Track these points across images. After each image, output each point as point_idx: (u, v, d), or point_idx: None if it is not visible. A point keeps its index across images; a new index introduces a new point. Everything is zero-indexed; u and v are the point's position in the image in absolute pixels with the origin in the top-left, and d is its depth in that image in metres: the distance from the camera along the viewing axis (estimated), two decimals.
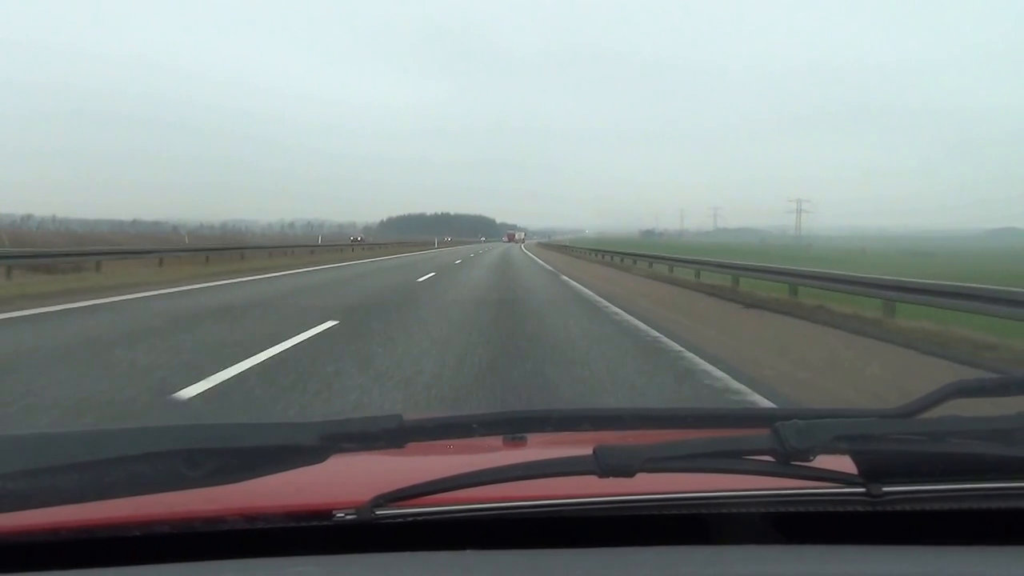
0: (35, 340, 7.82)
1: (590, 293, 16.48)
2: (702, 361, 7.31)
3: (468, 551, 0.95)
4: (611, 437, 1.24)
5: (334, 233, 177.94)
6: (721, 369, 6.84)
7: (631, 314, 11.63)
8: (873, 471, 0.99)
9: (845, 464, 1.00)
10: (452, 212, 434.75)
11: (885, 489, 0.99)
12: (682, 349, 8.09)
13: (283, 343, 7.62)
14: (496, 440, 1.33)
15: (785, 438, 0.95)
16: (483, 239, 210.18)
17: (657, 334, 9.29)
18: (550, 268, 30.45)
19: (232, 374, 6.01)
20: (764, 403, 5.48)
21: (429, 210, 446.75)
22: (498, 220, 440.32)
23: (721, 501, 1.05)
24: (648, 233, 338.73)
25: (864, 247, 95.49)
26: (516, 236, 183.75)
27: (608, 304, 13.50)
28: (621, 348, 8.25)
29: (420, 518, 0.98)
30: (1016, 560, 0.96)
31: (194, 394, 5.27)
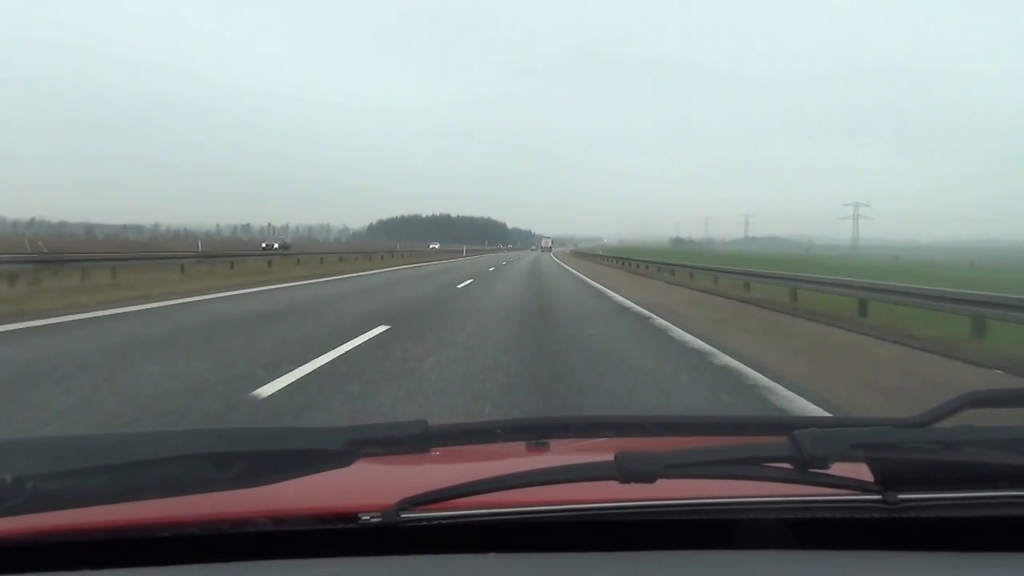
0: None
1: None
2: None
3: (491, 554, 0.97)
4: (632, 443, 1.25)
5: (300, 238, 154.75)
6: None
7: None
8: (889, 479, 1.00)
9: (862, 472, 1.01)
10: (454, 214, 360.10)
11: (901, 496, 1.00)
12: None
13: None
14: (519, 445, 1.34)
15: (803, 446, 0.96)
16: (436, 246, 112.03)
17: None
18: None
19: None
20: None
21: (426, 211, 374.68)
22: (510, 225, 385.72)
23: (740, 507, 1.06)
24: (678, 241, 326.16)
25: (972, 261, 74.52)
26: (543, 244, 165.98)
27: None
28: None
29: (444, 521, 1.00)
30: None
31: None
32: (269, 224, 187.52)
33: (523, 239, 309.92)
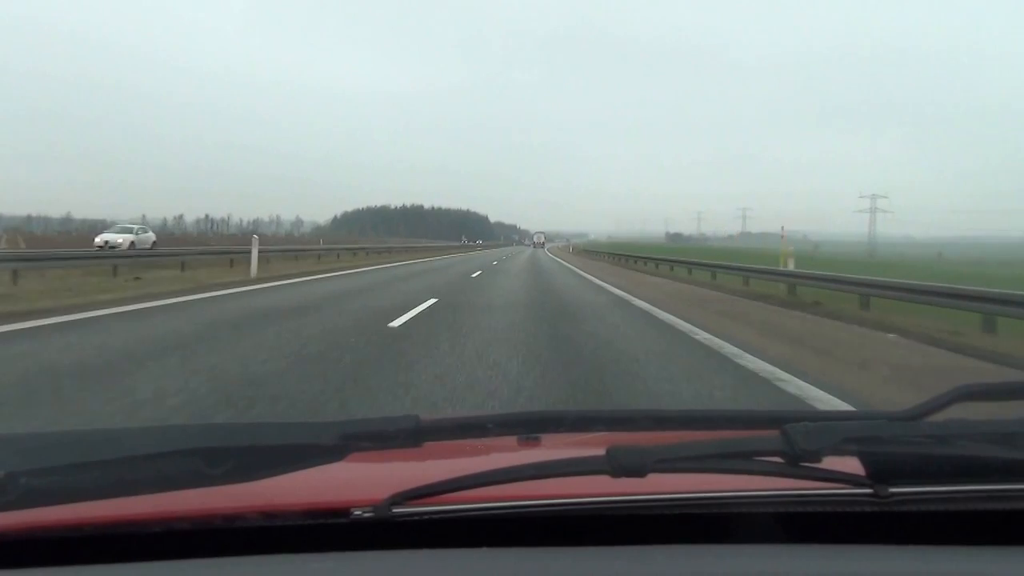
0: None
1: None
2: None
3: (483, 549, 0.97)
4: (624, 438, 1.25)
5: (242, 232, 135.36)
6: None
7: None
8: (880, 472, 1.01)
9: (853, 465, 1.02)
10: (427, 205, 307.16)
11: (892, 490, 1.00)
12: None
13: None
14: (511, 440, 1.34)
15: (794, 439, 0.97)
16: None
17: None
18: None
19: None
20: None
21: (396, 202, 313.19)
22: (492, 218, 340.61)
23: (731, 501, 1.06)
24: (676, 237, 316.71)
25: None
26: (536, 239, 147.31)
27: None
28: None
29: (436, 516, 1.00)
30: (1018, 560, 0.98)
31: None
32: (207, 216, 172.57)
33: (507, 234, 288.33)
